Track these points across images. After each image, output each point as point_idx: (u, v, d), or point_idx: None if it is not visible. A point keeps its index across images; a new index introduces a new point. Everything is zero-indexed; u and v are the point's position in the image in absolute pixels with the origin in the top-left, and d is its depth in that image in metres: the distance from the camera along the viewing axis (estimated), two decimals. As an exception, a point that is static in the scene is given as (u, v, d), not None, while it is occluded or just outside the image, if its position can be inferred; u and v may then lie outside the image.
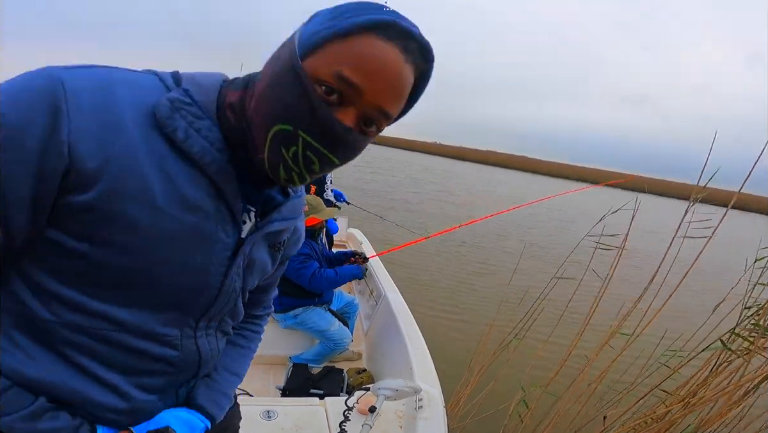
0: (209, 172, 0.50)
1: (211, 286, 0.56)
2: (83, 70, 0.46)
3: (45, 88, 0.43)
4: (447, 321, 4.10)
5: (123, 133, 0.45)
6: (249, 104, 0.50)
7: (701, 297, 4.47)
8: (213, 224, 0.52)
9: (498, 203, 12.49)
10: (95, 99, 0.45)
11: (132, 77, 0.49)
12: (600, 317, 1.92)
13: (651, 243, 2.31)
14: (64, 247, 0.47)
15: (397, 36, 0.47)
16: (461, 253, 6.73)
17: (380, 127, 0.51)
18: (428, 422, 1.35)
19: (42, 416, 0.49)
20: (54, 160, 0.43)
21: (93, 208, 0.45)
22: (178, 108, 0.48)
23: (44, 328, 0.49)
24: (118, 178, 0.45)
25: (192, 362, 0.60)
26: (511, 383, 2.16)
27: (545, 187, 22.78)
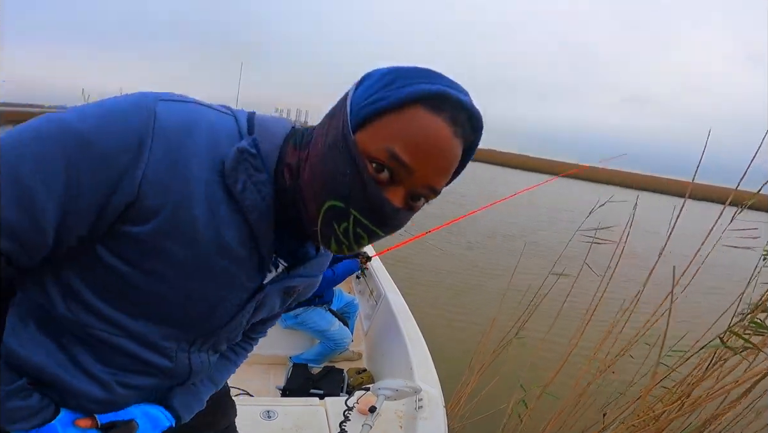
0: (252, 224, 0.53)
1: (219, 319, 0.59)
2: (177, 105, 0.49)
3: (137, 121, 0.46)
4: (447, 321, 4.10)
5: (187, 178, 0.48)
6: (303, 171, 0.52)
7: (710, 296, 4.47)
8: (241, 269, 0.55)
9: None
10: (174, 139, 0.47)
11: (213, 120, 0.51)
12: (602, 315, 1.92)
13: (652, 242, 2.30)
14: (105, 262, 0.50)
15: (447, 107, 0.47)
16: (461, 253, 6.73)
17: (427, 200, 0.52)
18: (428, 422, 1.35)
19: (16, 395, 0.52)
20: (123, 194, 0.46)
21: (142, 240, 0.48)
22: (243, 160, 0.50)
23: (56, 320, 0.52)
24: (171, 220, 0.48)
25: (182, 373, 0.63)
26: (511, 382, 2.16)
27: (545, 185, 22.69)
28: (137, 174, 0.45)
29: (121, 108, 0.46)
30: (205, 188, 0.49)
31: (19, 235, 0.45)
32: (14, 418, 0.52)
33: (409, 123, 0.46)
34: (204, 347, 0.64)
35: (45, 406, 0.55)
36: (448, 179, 0.52)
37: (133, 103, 0.47)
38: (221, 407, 0.94)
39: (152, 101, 0.47)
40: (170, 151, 0.47)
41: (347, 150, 0.47)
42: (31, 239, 0.46)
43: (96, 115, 0.45)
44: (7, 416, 0.52)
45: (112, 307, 0.53)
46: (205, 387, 0.74)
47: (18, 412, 0.52)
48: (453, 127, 0.48)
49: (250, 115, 0.56)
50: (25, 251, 0.47)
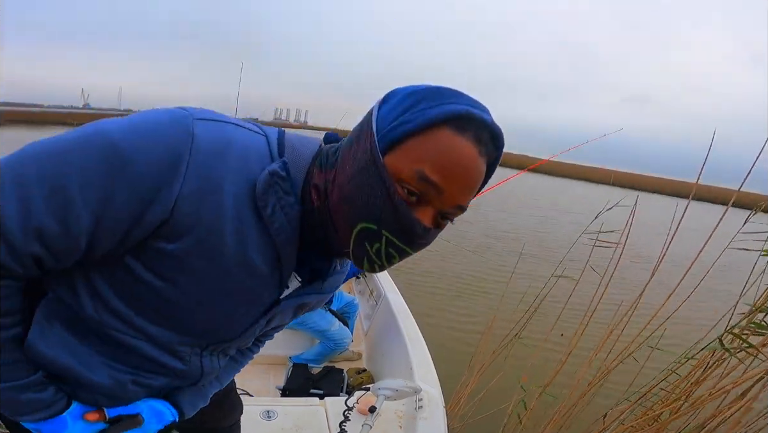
0: (278, 246, 0.55)
1: (235, 331, 0.62)
2: (213, 125, 0.50)
3: (176, 140, 0.47)
4: (447, 321, 4.10)
5: (219, 200, 0.49)
6: (331, 193, 0.53)
7: (709, 297, 4.47)
8: (262, 286, 0.58)
9: (493, 201, 12.51)
10: (209, 161, 0.49)
11: (246, 141, 0.52)
12: (602, 316, 1.92)
13: (657, 245, 2.30)
14: (134, 272, 0.52)
15: (472, 127, 0.48)
16: (462, 253, 6.73)
17: (453, 218, 0.53)
18: (428, 422, 1.35)
19: (30, 388, 0.54)
20: (158, 212, 0.48)
21: (172, 255, 0.50)
22: (274, 183, 0.52)
23: (82, 320, 0.55)
24: (202, 239, 0.50)
25: (194, 375, 0.66)
26: (511, 383, 2.16)
27: (543, 184, 22.80)
28: (173, 192, 0.47)
29: (161, 127, 0.48)
30: (236, 209, 0.51)
31: (50, 240, 0.47)
32: (27, 409, 0.55)
33: (437, 145, 0.47)
34: (216, 352, 0.67)
35: (58, 399, 0.57)
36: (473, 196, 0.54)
37: (173, 122, 0.48)
38: (227, 404, 0.95)
39: (191, 120, 0.49)
40: (205, 172, 0.48)
41: (377, 173, 0.48)
42: (62, 245, 0.48)
43: (137, 132, 0.47)
44: (21, 407, 0.54)
45: (136, 313, 0.55)
46: (212, 386, 0.77)
47: (31, 404, 0.54)
48: (478, 147, 0.49)
49: (280, 135, 0.57)
50: (53, 256, 0.48)
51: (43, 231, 0.46)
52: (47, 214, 0.45)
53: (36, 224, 0.45)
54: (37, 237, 0.46)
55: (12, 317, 0.52)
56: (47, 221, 0.46)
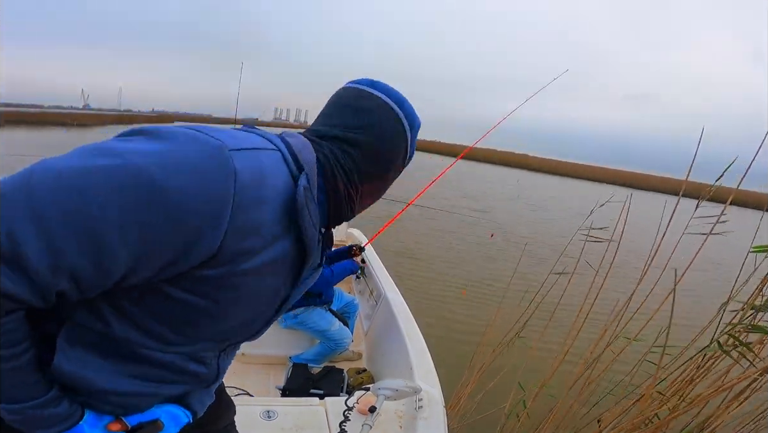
0: (307, 246, 0.59)
1: (253, 328, 0.66)
2: (247, 158, 0.52)
3: (220, 179, 0.48)
4: (447, 321, 4.10)
5: (261, 228, 0.53)
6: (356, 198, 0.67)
7: (707, 295, 4.47)
8: (281, 280, 0.61)
9: (485, 200, 12.50)
10: (253, 197, 0.51)
11: (273, 165, 0.55)
12: (600, 314, 1.92)
13: (650, 242, 2.31)
14: (169, 295, 0.53)
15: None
16: (462, 253, 6.73)
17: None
18: (428, 422, 1.35)
19: (48, 405, 0.55)
20: (205, 250, 0.49)
21: (211, 279, 0.52)
22: (309, 200, 0.57)
23: (108, 342, 0.56)
24: (242, 261, 0.52)
25: (212, 377, 0.69)
26: (511, 382, 2.16)
27: (540, 183, 22.81)
28: (220, 232, 0.49)
29: (202, 163, 0.47)
30: (273, 227, 0.54)
31: (81, 279, 0.46)
32: (46, 424, 0.56)
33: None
34: (231, 351, 0.71)
35: (73, 411, 0.58)
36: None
37: (214, 159, 0.48)
38: (221, 405, 0.95)
39: (228, 154, 0.49)
40: (249, 206, 0.51)
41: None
42: (93, 283, 0.47)
43: (178, 169, 0.46)
44: (40, 423, 0.55)
45: (170, 330, 0.57)
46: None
47: (50, 419, 0.56)
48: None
49: (288, 146, 0.60)
50: (80, 291, 0.48)
51: (75, 270, 0.45)
52: (80, 256, 0.44)
53: (68, 266, 0.44)
54: (68, 277, 0.45)
55: (25, 343, 0.51)
56: (80, 263, 0.44)
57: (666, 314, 1.72)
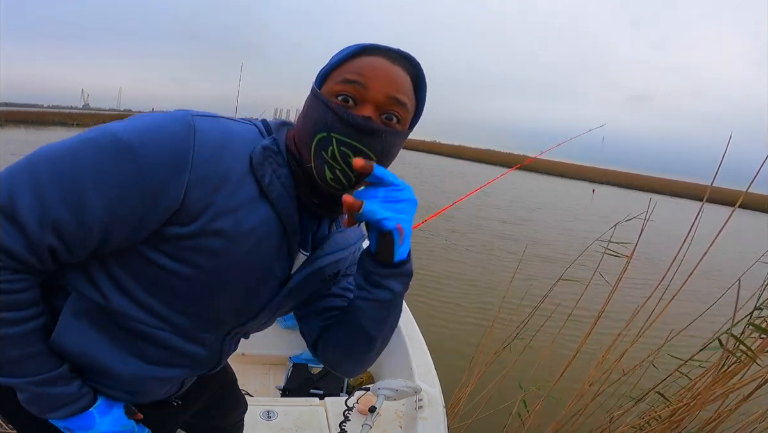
0: (281, 214, 0.59)
1: (251, 310, 0.65)
2: (211, 120, 0.56)
3: (180, 134, 0.52)
4: (447, 321, 4.10)
5: (227, 183, 0.54)
6: (296, 134, 0.61)
7: (712, 298, 4.46)
8: (273, 259, 0.61)
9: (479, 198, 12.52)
10: (214, 151, 0.54)
11: (241, 130, 0.59)
12: (605, 319, 1.92)
13: (661, 245, 2.29)
14: (153, 260, 0.55)
15: (378, 51, 0.60)
16: (462, 252, 6.73)
17: (400, 117, 0.59)
18: (428, 422, 1.35)
19: (57, 382, 0.57)
20: (170, 201, 0.52)
21: (186, 238, 0.54)
22: (268, 156, 0.58)
23: (109, 315, 0.58)
24: (214, 219, 0.54)
25: (213, 360, 0.69)
26: (511, 383, 2.16)
27: (543, 185, 22.80)
28: (182, 182, 0.51)
29: (164, 123, 0.53)
30: (242, 187, 0.55)
31: (65, 232, 0.50)
32: (56, 404, 0.57)
33: (354, 63, 0.59)
34: (237, 336, 0.72)
35: (84, 393, 0.60)
36: (410, 97, 0.60)
37: (175, 119, 0.53)
38: (227, 403, 0.96)
39: (190, 117, 0.54)
40: (211, 159, 0.53)
41: (317, 99, 0.58)
42: (77, 237, 0.51)
43: (144, 130, 0.52)
44: (50, 402, 0.57)
45: (160, 302, 0.58)
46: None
47: (60, 398, 0.57)
48: (389, 59, 0.59)
49: (264, 121, 0.64)
50: (68, 248, 0.52)
51: (58, 223, 0.50)
52: (62, 207, 0.49)
53: (52, 217, 0.49)
54: (53, 229, 0.50)
55: (30, 310, 0.54)
56: (63, 214, 0.49)
57: (677, 318, 1.72)
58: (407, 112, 0.60)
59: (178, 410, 0.79)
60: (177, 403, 0.78)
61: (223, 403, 0.95)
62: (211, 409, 0.92)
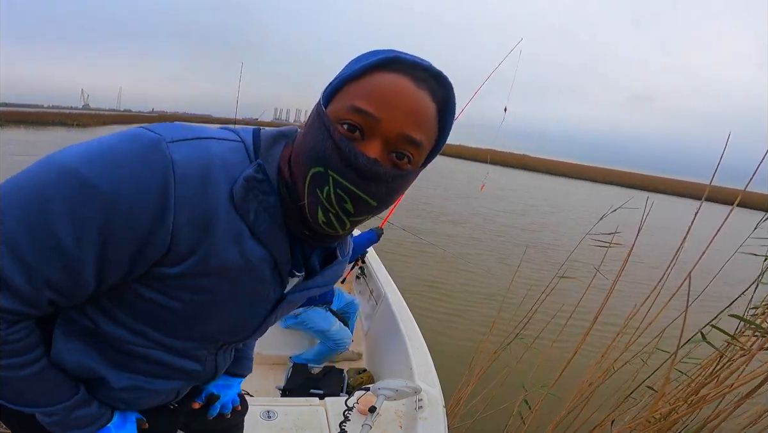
0: (268, 246, 0.55)
1: (246, 330, 0.65)
2: (189, 146, 0.48)
3: (158, 174, 0.45)
4: (447, 321, 4.10)
5: (214, 221, 0.49)
6: (292, 157, 0.53)
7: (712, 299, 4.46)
8: (266, 287, 0.59)
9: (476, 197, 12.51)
10: (197, 188, 0.47)
11: (224, 155, 0.51)
12: (604, 317, 1.92)
13: (658, 243, 2.29)
14: (142, 295, 0.53)
15: (402, 68, 0.49)
16: (462, 253, 6.73)
17: (412, 158, 0.51)
18: (428, 422, 1.35)
19: (79, 407, 0.58)
20: (156, 247, 0.48)
21: (176, 277, 0.51)
22: (251, 188, 0.51)
23: (98, 336, 0.57)
24: (204, 259, 0.50)
25: (209, 374, 0.69)
26: (511, 383, 2.16)
27: (541, 184, 22.82)
28: (167, 227, 0.47)
29: (135, 157, 0.45)
30: (229, 225, 0.50)
31: (60, 287, 0.48)
32: (79, 425, 0.59)
33: (368, 82, 0.49)
34: (229, 349, 0.71)
35: (103, 412, 0.62)
36: (429, 134, 0.51)
37: (148, 150, 0.46)
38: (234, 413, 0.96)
39: (165, 147, 0.46)
40: (195, 197, 0.47)
41: (320, 120, 0.49)
42: (72, 289, 0.49)
43: (113, 167, 0.44)
44: (74, 424, 0.58)
45: (151, 328, 0.57)
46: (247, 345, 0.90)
47: (81, 420, 0.59)
48: (413, 80, 0.49)
49: (255, 135, 0.56)
50: (66, 298, 0.50)
51: (50, 282, 0.47)
52: (49, 267, 0.46)
53: (42, 278, 0.46)
54: (47, 287, 0.47)
55: (41, 348, 0.54)
56: (52, 273, 0.46)
57: (674, 317, 1.72)
58: (422, 151, 0.51)
59: (175, 413, 0.79)
60: (174, 406, 0.78)
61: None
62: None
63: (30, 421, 0.59)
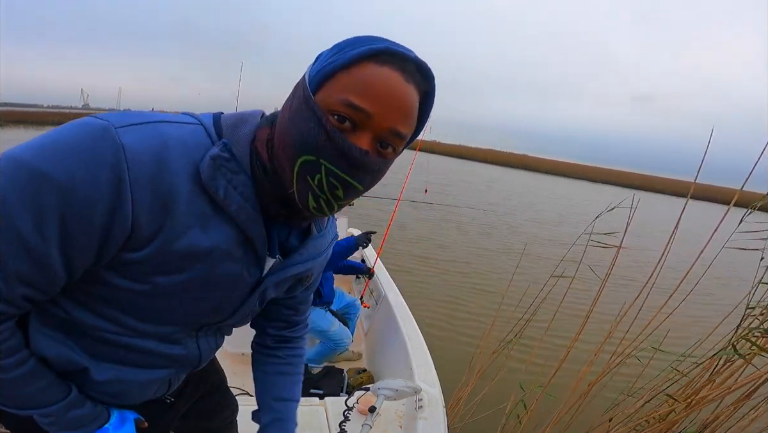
0: (243, 226, 0.55)
1: (224, 313, 0.64)
2: (139, 130, 0.48)
3: (108, 159, 0.45)
4: (447, 321, 4.10)
5: (175, 202, 0.49)
6: (275, 140, 0.53)
7: (711, 300, 4.47)
8: (240, 267, 0.58)
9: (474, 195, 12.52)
10: (152, 169, 0.47)
11: (181, 135, 0.51)
12: (603, 316, 1.92)
13: (655, 244, 2.29)
14: (110, 282, 0.53)
15: (393, 60, 0.50)
16: (462, 252, 6.73)
17: (396, 147, 0.53)
18: (428, 422, 1.35)
19: (72, 407, 0.58)
20: (118, 231, 0.48)
21: (143, 262, 0.51)
22: (219, 166, 0.51)
23: (73, 324, 0.57)
24: (168, 241, 0.50)
25: (193, 358, 0.68)
26: (511, 383, 2.16)
27: (539, 184, 22.81)
28: (126, 211, 0.46)
29: (87, 145, 0.45)
30: (193, 204, 0.50)
31: (32, 281, 0.48)
32: (75, 426, 0.59)
33: (360, 75, 0.49)
34: (210, 332, 0.69)
35: (99, 412, 0.62)
36: (411, 126, 0.54)
37: (96, 138, 0.45)
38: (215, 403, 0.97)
39: (114, 133, 0.46)
40: (151, 181, 0.47)
41: (310, 109, 0.50)
42: (45, 281, 0.49)
43: (63, 156, 0.44)
44: (71, 425, 0.59)
45: (123, 314, 0.56)
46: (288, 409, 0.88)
47: (79, 420, 0.59)
48: (402, 74, 0.50)
49: (216, 117, 0.56)
50: (41, 291, 0.50)
51: (21, 276, 0.47)
52: (17, 261, 0.46)
53: (12, 274, 0.46)
54: (18, 282, 0.47)
55: (27, 350, 0.54)
56: (21, 267, 0.46)
57: (671, 318, 1.72)
58: (404, 141, 0.54)
59: (171, 408, 0.80)
60: (169, 400, 0.78)
61: (213, 402, 0.96)
62: (203, 409, 0.93)
63: (29, 423, 0.59)
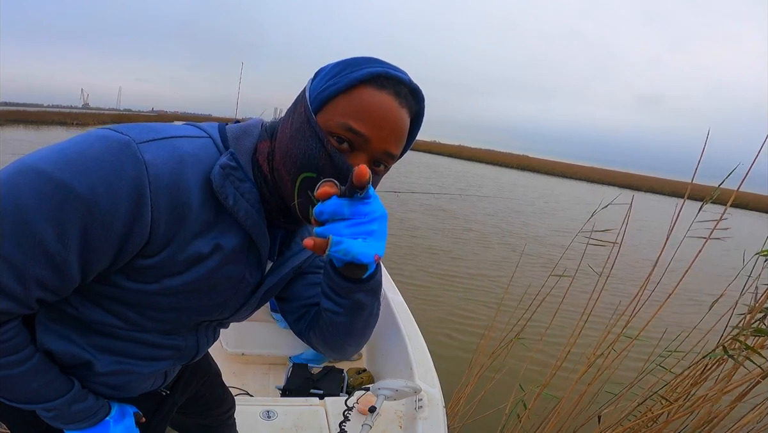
0: (248, 230, 0.58)
1: (225, 311, 0.66)
2: (158, 145, 0.51)
3: (130, 173, 0.48)
4: (447, 321, 4.10)
5: (188, 213, 0.53)
6: (276, 155, 0.58)
7: (707, 299, 4.47)
8: (243, 269, 0.62)
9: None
10: (171, 184, 0.51)
11: (194, 150, 0.54)
12: (601, 315, 1.92)
13: (652, 244, 2.28)
14: (120, 284, 0.56)
15: (389, 84, 0.55)
16: (461, 252, 6.73)
17: (387, 165, 0.58)
18: (428, 422, 1.35)
19: (76, 401, 0.60)
20: (137, 240, 0.51)
21: (153, 267, 0.54)
22: (228, 174, 0.55)
23: (79, 320, 0.59)
24: (179, 249, 0.54)
25: (191, 350, 0.71)
26: (511, 383, 2.16)
27: (537, 183, 22.83)
28: (145, 222, 0.50)
29: (110, 159, 0.47)
30: (202, 212, 0.54)
31: (50, 285, 0.50)
32: (77, 419, 0.61)
33: (359, 100, 0.54)
34: (210, 327, 0.73)
35: (101, 406, 0.64)
36: (403, 145, 0.59)
37: (120, 153, 0.48)
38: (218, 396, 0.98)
39: (136, 149, 0.49)
40: (171, 193, 0.51)
41: (311, 129, 0.54)
42: (61, 285, 0.51)
43: (88, 171, 0.46)
44: (74, 418, 0.61)
45: (133, 311, 0.59)
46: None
47: (80, 414, 0.61)
48: (397, 99, 0.55)
49: (221, 129, 0.60)
50: (55, 294, 0.52)
51: (39, 279, 0.49)
52: (37, 267, 0.48)
53: (31, 277, 0.48)
54: (36, 286, 0.49)
55: (33, 345, 0.57)
56: (40, 273, 0.48)
57: (667, 316, 1.72)
58: (395, 159, 0.59)
59: (167, 400, 0.82)
60: (165, 393, 0.81)
61: (208, 397, 0.98)
62: (198, 403, 0.95)
63: (29, 417, 0.61)
